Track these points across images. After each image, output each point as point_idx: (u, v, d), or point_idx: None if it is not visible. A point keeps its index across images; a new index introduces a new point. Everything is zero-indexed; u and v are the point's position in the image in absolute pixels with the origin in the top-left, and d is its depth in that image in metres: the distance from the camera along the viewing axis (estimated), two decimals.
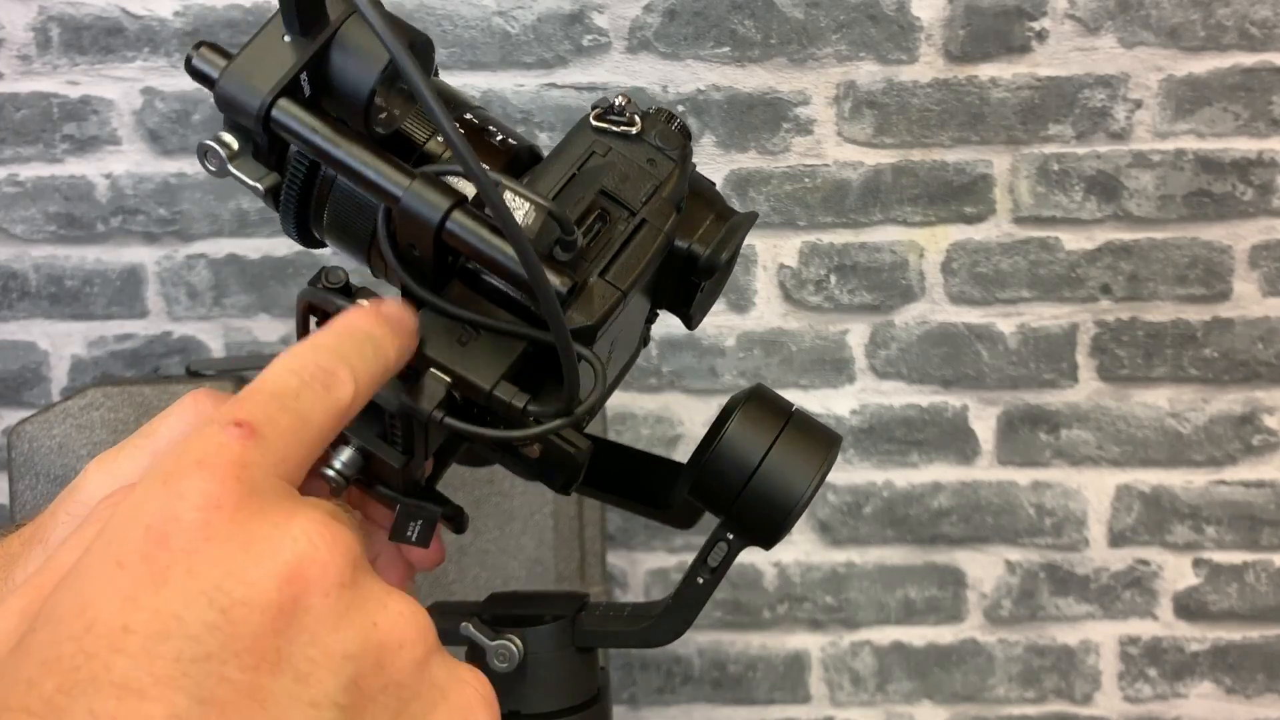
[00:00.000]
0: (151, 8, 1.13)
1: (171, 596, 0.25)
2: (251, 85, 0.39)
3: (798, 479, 0.47)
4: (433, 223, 0.38)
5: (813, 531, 1.21)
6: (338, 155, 0.39)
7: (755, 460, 0.47)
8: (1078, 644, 1.22)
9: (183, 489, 0.27)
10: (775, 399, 0.50)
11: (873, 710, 1.23)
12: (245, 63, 0.39)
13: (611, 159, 0.44)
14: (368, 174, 0.39)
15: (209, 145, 0.40)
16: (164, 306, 1.18)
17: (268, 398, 0.30)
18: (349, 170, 0.39)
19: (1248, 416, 1.18)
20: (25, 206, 1.16)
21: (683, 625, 0.50)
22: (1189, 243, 1.16)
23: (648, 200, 0.43)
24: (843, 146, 1.15)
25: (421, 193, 0.38)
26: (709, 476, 0.48)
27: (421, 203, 0.38)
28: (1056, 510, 1.20)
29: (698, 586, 0.49)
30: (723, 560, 0.49)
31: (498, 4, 1.13)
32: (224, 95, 0.39)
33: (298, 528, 0.27)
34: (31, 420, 0.94)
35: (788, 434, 0.48)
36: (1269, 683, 1.21)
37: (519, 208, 0.39)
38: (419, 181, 0.38)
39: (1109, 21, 1.12)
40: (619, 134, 0.44)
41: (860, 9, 1.12)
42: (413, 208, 0.38)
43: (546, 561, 0.95)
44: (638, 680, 1.23)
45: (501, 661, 0.49)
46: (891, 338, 1.18)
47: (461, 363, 0.40)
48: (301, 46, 0.39)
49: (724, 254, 0.45)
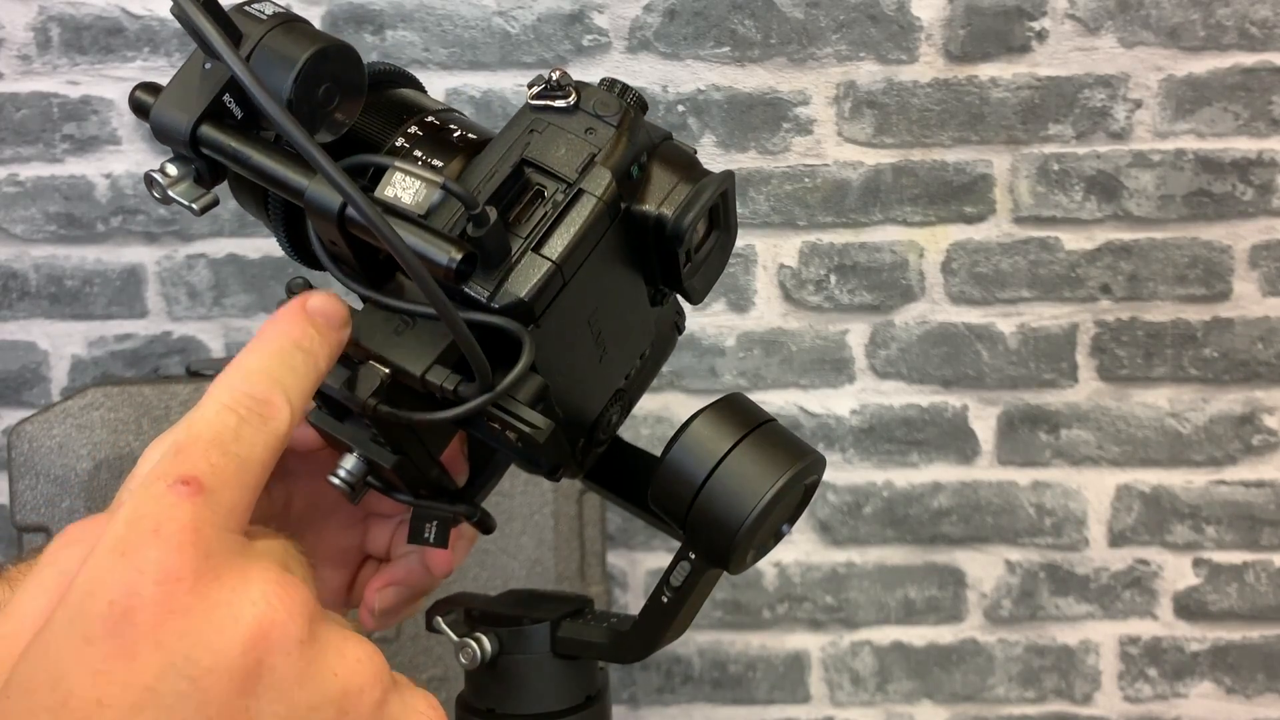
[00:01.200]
0: (151, 8, 1.13)
1: (142, 670, 0.26)
2: (177, 114, 0.40)
3: (748, 494, 0.42)
4: (332, 214, 0.39)
5: (813, 531, 1.21)
6: (252, 162, 0.40)
7: (703, 473, 0.43)
8: (1078, 644, 1.22)
9: (140, 562, 0.28)
10: (747, 407, 0.46)
11: (873, 710, 1.23)
12: (171, 94, 0.41)
13: (546, 135, 0.43)
14: (274, 174, 0.40)
15: (152, 176, 0.42)
16: (164, 306, 1.18)
17: (208, 446, 0.31)
18: (262, 174, 0.40)
19: (1248, 416, 1.18)
20: (25, 206, 1.16)
21: (649, 644, 0.47)
22: (1189, 243, 1.16)
23: (584, 169, 0.42)
24: (843, 146, 1.15)
25: (322, 189, 0.39)
26: (661, 486, 0.45)
27: (318, 196, 0.39)
28: (1056, 510, 1.20)
29: (662, 605, 0.46)
30: (685, 579, 0.45)
31: (498, 4, 1.13)
32: (157, 125, 0.41)
33: (255, 590, 0.28)
34: (31, 420, 0.94)
35: (749, 443, 0.43)
36: (1269, 683, 1.21)
37: (409, 187, 0.39)
38: (319, 177, 0.39)
39: (1109, 21, 1.12)
40: (557, 109, 0.44)
41: (860, 9, 1.12)
42: (314, 202, 0.39)
43: (546, 561, 0.95)
44: (638, 680, 1.23)
45: (465, 660, 0.49)
46: (891, 338, 1.18)
47: (396, 351, 0.41)
48: (219, 71, 0.40)
49: (689, 215, 0.44)
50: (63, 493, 0.93)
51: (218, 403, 0.32)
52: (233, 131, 0.41)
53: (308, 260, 0.46)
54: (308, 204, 0.39)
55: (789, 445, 0.45)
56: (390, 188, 0.39)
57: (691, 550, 0.45)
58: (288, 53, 0.40)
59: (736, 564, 0.44)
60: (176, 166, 0.42)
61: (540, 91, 0.44)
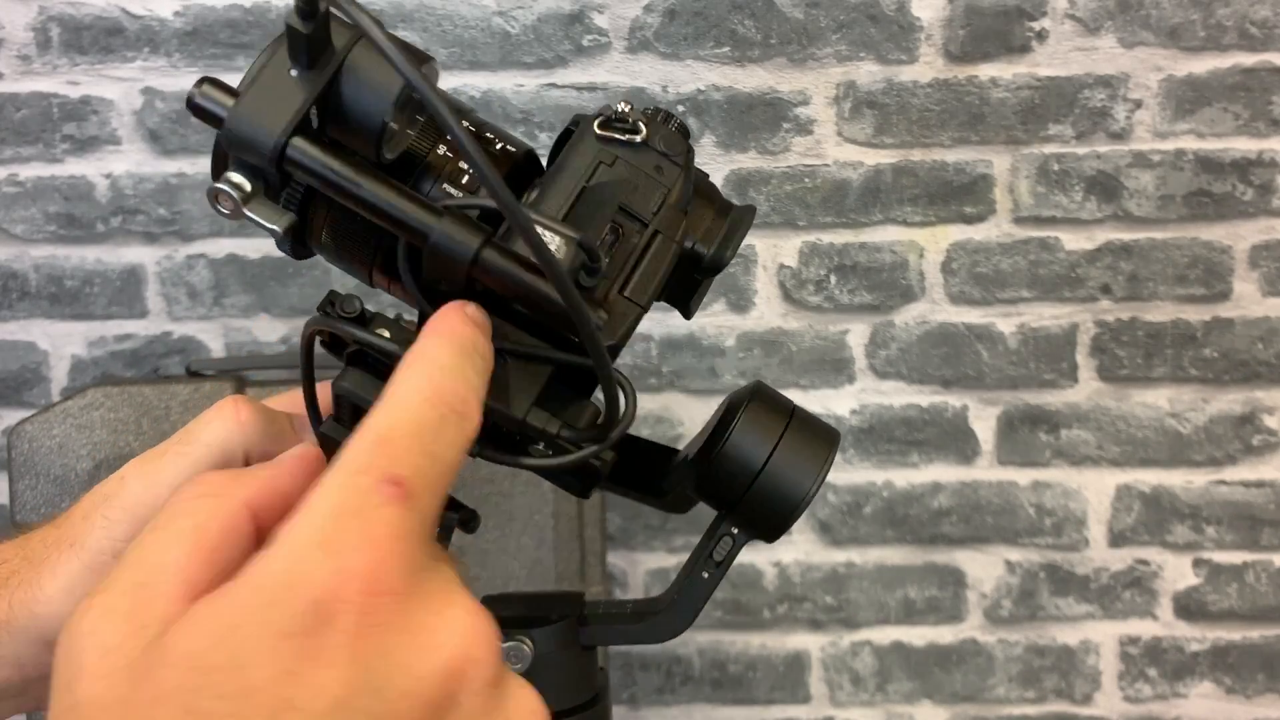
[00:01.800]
0: (151, 8, 1.13)
1: (336, 679, 0.25)
2: (263, 124, 0.37)
3: (803, 476, 0.48)
4: (464, 260, 0.38)
5: (813, 531, 1.21)
6: (361, 194, 0.38)
7: (762, 458, 0.48)
8: (1078, 644, 1.22)
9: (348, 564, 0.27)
10: (777, 396, 0.51)
11: (873, 710, 1.23)
12: (254, 100, 0.38)
13: (619, 170, 0.43)
14: (395, 213, 0.38)
15: (220, 189, 0.38)
16: (164, 306, 1.18)
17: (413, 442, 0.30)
18: (374, 209, 0.38)
19: (1248, 416, 1.18)
20: (25, 206, 1.16)
21: (688, 620, 0.50)
22: (1189, 243, 1.16)
23: (658, 210, 0.43)
24: (843, 146, 1.15)
25: (451, 231, 0.38)
26: (716, 475, 0.48)
27: (452, 242, 0.38)
28: (1056, 510, 1.20)
29: (702, 581, 0.49)
30: (728, 554, 0.49)
31: (498, 4, 1.13)
32: (235, 135, 0.38)
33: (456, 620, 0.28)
34: (31, 420, 0.94)
35: (792, 431, 0.48)
36: (1269, 683, 1.21)
37: (551, 241, 0.39)
38: (447, 220, 0.38)
39: (1109, 21, 1.12)
40: (624, 142, 0.44)
41: (860, 9, 1.12)
42: (443, 246, 0.38)
43: (546, 561, 0.95)
44: (638, 680, 1.23)
45: (515, 663, 0.49)
46: (891, 338, 1.18)
47: (493, 392, 0.39)
48: (310, 80, 0.38)
49: (728, 251, 0.45)
50: (63, 493, 0.93)
51: (419, 396, 0.31)
52: (332, 152, 0.38)
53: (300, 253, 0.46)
54: (435, 246, 0.38)
55: (820, 427, 0.49)
56: None
57: (735, 527, 0.49)
58: (383, 75, 0.38)
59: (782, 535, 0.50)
60: (247, 179, 0.38)
61: (607, 121, 0.44)
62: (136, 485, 0.42)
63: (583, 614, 0.51)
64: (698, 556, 0.50)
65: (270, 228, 0.38)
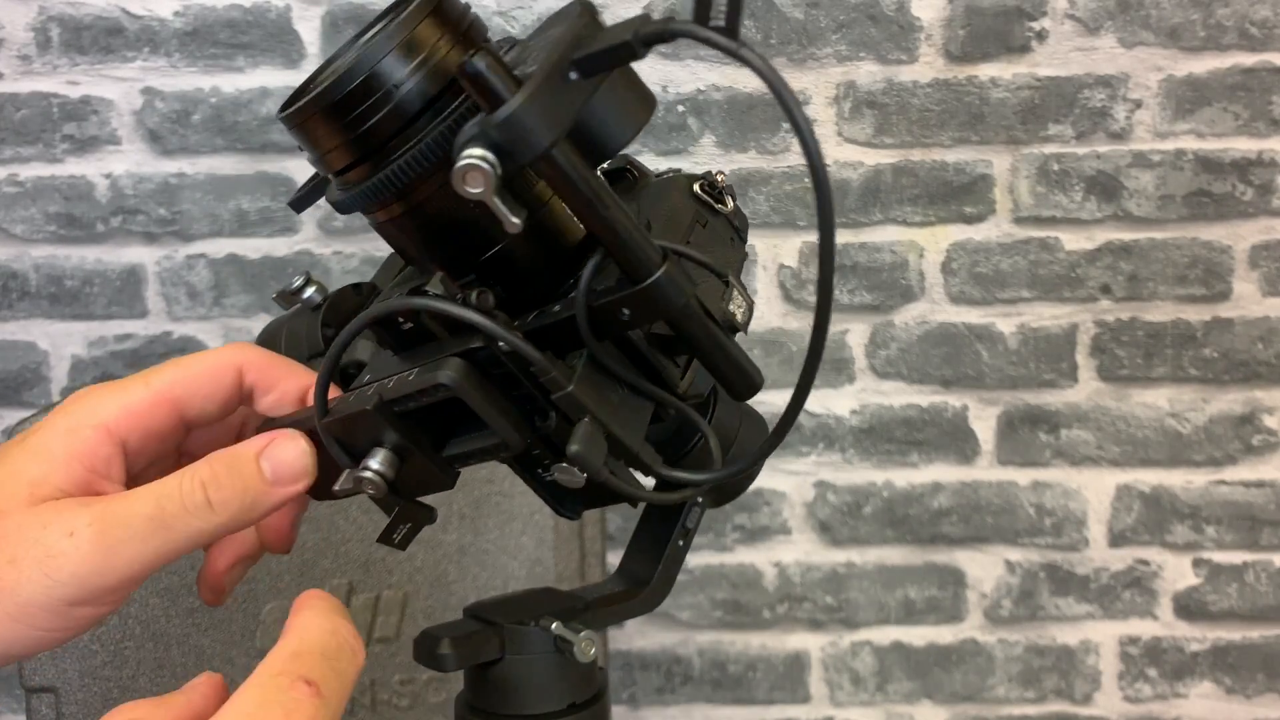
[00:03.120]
0: (151, 8, 1.13)
1: None
2: (542, 123, 0.36)
3: None
4: (678, 305, 0.40)
5: (813, 531, 1.21)
6: (605, 214, 0.39)
7: None
8: (1078, 644, 1.22)
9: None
10: None
11: (873, 710, 1.23)
12: (542, 94, 0.36)
13: (710, 233, 0.46)
14: (629, 243, 0.39)
15: (478, 165, 0.36)
16: (164, 306, 1.18)
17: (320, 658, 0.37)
18: (611, 231, 0.39)
19: (1248, 416, 1.18)
20: (25, 206, 1.16)
21: (669, 588, 0.54)
22: (1189, 243, 1.16)
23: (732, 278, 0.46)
24: (843, 146, 1.15)
25: (674, 277, 0.40)
26: None
27: (673, 286, 0.40)
28: (1056, 510, 1.20)
29: (678, 549, 0.53)
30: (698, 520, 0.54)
31: (498, 4, 1.13)
32: (514, 125, 0.36)
33: None
34: (31, 420, 0.94)
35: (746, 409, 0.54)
36: (1269, 683, 1.21)
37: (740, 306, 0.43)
38: (670, 266, 0.40)
39: (1109, 21, 1.12)
40: (713, 209, 0.47)
41: (860, 9, 1.12)
42: (663, 287, 0.40)
43: (546, 561, 0.95)
44: (638, 680, 1.23)
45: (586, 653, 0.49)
46: (891, 338, 1.18)
47: (615, 419, 0.41)
48: (583, 89, 0.37)
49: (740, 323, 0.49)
50: None
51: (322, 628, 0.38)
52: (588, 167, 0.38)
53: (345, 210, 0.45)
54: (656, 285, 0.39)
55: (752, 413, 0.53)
56: (733, 304, 0.43)
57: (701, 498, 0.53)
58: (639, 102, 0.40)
59: None
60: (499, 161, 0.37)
61: (705, 187, 0.48)
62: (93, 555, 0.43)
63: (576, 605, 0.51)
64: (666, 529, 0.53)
65: (512, 220, 0.37)
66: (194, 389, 0.46)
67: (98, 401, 0.45)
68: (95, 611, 0.42)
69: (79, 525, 0.41)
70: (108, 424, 0.44)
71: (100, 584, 0.41)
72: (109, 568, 0.41)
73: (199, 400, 0.46)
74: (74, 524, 0.41)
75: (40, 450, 0.43)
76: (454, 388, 0.40)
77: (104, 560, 0.41)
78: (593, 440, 0.40)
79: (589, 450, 0.39)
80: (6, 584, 0.41)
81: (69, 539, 0.41)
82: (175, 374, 0.46)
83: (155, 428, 0.45)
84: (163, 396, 0.45)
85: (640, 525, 0.54)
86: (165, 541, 0.42)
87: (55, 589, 0.41)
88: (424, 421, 0.43)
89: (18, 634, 0.41)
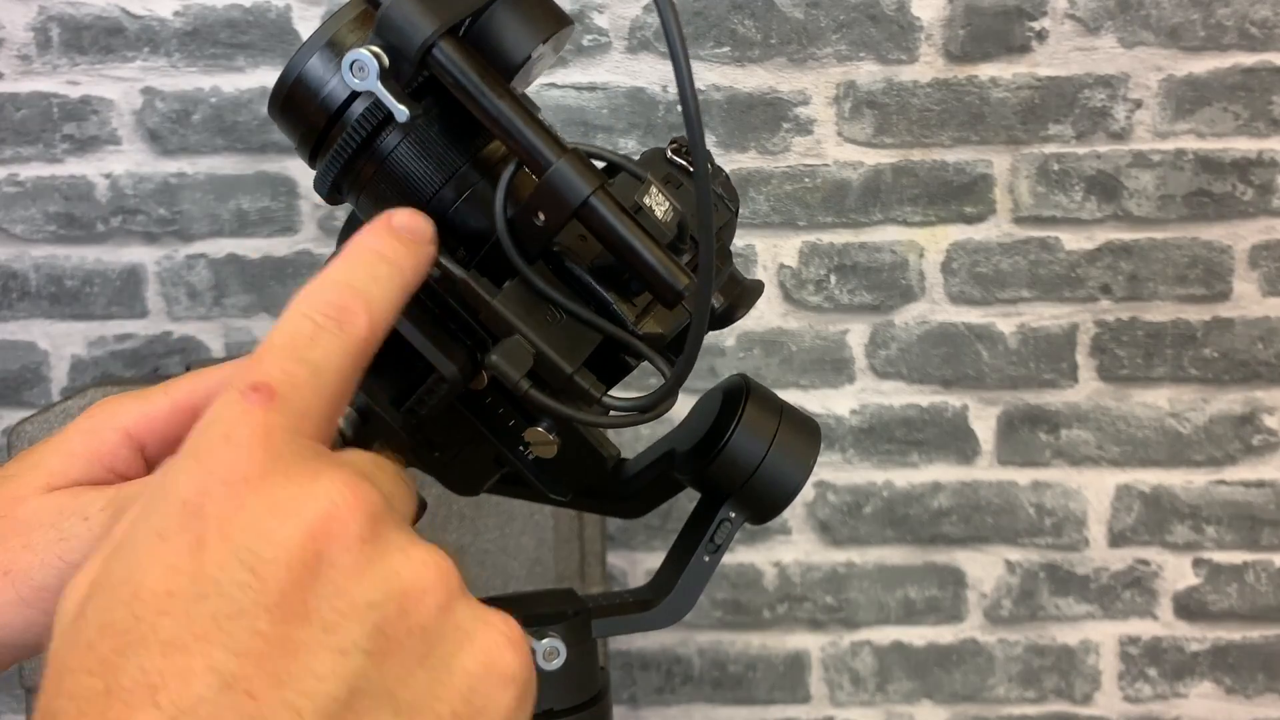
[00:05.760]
0: (151, 8, 1.13)
1: (207, 561, 0.28)
2: (423, 15, 0.38)
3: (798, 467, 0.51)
4: (578, 198, 0.39)
5: (813, 531, 1.21)
6: (496, 109, 0.39)
7: (761, 452, 0.51)
8: (1078, 644, 1.22)
9: (210, 464, 0.29)
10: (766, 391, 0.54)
11: (873, 710, 1.23)
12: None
13: (683, 195, 0.45)
14: (524, 136, 0.39)
15: (361, 56, 0.38)
16: (164, 306, 1.18)
17: (282, 352, 0.32)
18: (503, 129, 0.39)
19: (1248, 416, 1.18)
20: (25, 206, 1.16)
21: (692, 603, 0.53)
22: (1189, 243, 1.16)
23: None
24: (843, 146, 1.15)
25: (573, 166, 0.39)
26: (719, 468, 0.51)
27: (571, 177, 0.39)
28: (1056, 510, 1.20)
29: (704, 564, 0.52)
30: (728, 537, 0.52)
31: None
32: (393, 17, 0.38)
33: (320, 487, 0.29)
34: (31, 420, 0.94)
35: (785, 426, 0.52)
36: (1269, 683, 1.21)
37: (661, 204, 0.40)
38: (571, 156, 0.39)
39: (1109, 21, 1.12)
40: (689, 172, 0.46)
41: (860, 9, 1.12)
42: (560, 180, 0.39)
43: (546, 561, 0.95)
44: (638, 680, 1.23)
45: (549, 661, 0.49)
46: (891, 338, 1.18)
47: (547, 339, 0.40)
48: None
49: (740, 311, 0.47)
50: None
51: (295, 311, 0.33)
52: (475, 63, 0.38)
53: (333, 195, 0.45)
54: (551, 179, 0.39)
55: (806, 421, 0.52)
56: (647, 198, 0.40)
57: (734, 511, 0.52)
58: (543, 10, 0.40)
59: None
60: (387, 58, 0.38)
61: (679, 150, 0.47)
62: None
63: (591, 608, 0.51)
64: (694, 541, 0.52)
65: (399, 108, 0.39)
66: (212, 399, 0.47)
67: (120, 407, 0.46)
68: None
69: (93, 510, 0.43)
70: (128, 428, 0.46)
71: None
72: None
73: None
74: (89, 509, 0.43)
75: (61, 446, 0.45)
76: None
77: None
78: (514, 352, 0.40)
79: (507, 358, 0.39)
80: (21, 567, 0.42)
81: (84, 523, 0.42)
82: (195, 385, 0.47)
83: (173, 434, 0.47)
84: (181, 405, 0.47)
85: (679, 537, 0.54)
86: None
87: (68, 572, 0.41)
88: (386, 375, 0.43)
89: (31, 619, 0.42)
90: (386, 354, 0.42)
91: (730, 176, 0.50)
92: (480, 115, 0.39)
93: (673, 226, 0.41)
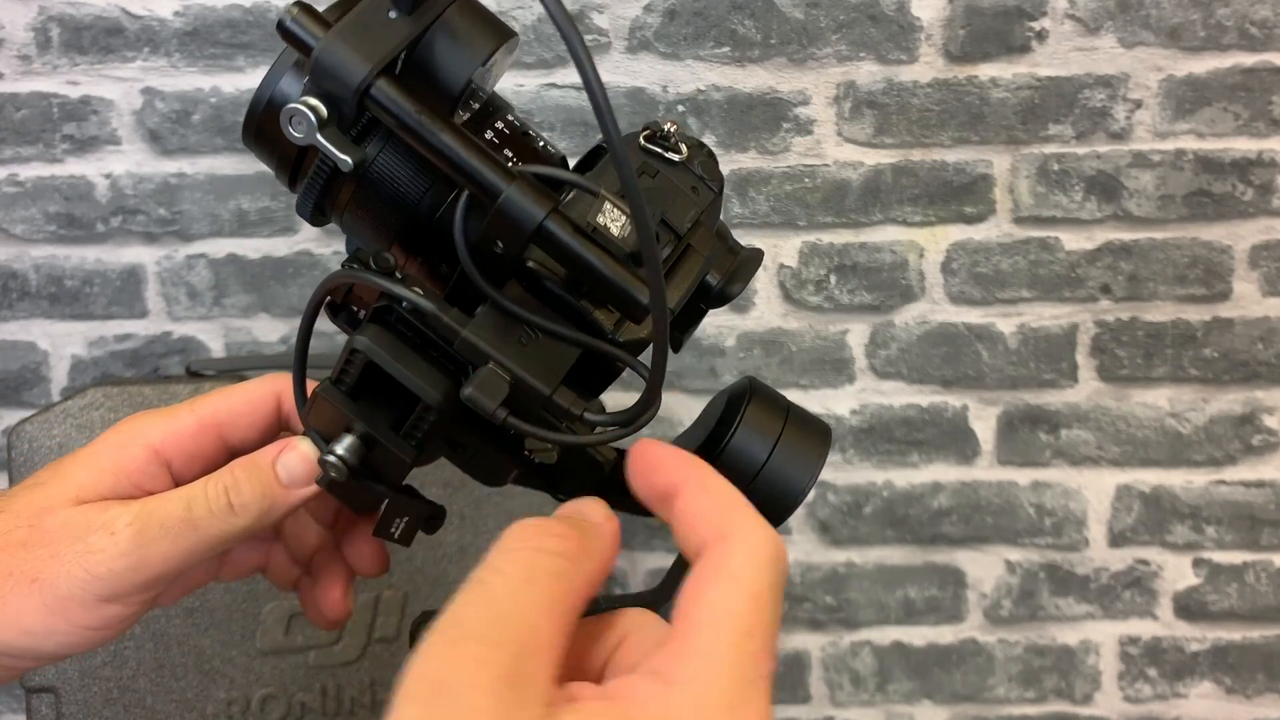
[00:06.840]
0: (151, 8, 1.13)
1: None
2: (353, 58, 0.38)
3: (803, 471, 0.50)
4: (531, 224, 0.39)
5: (813, 531, 1.21)
6: (439, 142, 0.39)
7: (764, 454, 0.50)
8: (1078, 644, 1.22)
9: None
10: (772, 393, 0.53)
11: (873, 710, 1.23)
12: (347, 33, 0.38)
13: (660, 183, 0.45)
14: (469, 167, 0.39)
15: (297, 109, 0.38)
16: (164, 306, 1.18)
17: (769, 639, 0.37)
18: (449, 161, 0.39)
19: (1248, 416, 1.18)
20: (25, 206, 1.16)
21: None
22: (1189, 243, 1.16)
23: (693, 226, 0.44)
24: (843, 146, 1.15)
25: (523, 193, 0.39)
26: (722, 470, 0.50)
27: (522, 204, 0.39)
28: (1056, 510, 1.20)
29: None
30: None
31: (498, 4, 1.13)
32: (323, 64, 0.38)
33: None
34: (31, 420, 0.94)
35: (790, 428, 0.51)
36: (1269, 683, 1.21)
37: (616, 220, 0.40)
38: (521, 182, 0.39)
39: (1109, 21, 1.12)
40: (665, 159, 0.46)
41: (860, 9, 1.12)
42: (512, 207, 0.39)
43: None
44: None
45: None
46: (891, 338, 1.18)
47: (523, 364, 0.41)
48: (406, 25, 0.38)
49: (737, 285, 0.46)
50: None
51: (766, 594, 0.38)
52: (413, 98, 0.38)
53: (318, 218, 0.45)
54: (503, 207, 0.39)
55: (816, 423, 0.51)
56: (601, 216, 0.40)
57: None
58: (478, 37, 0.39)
59: None
60: (324, 107, 0.38)
61: (652, 136, 0.46)
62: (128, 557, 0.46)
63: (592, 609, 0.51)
64: None
65: (341, 157, 0.39)
66: (235, 416, 0.50)
67: (147, 424, 0.48)
68: (124, 610, 0.45)
69: (119, 525, 0.44)
70: (154, 444, 0.48)
71: (134, 580, 0.44)
72: (143, 564, 0.44)
73: (241, 427, 0.50)
74: (115, 524, 0.44)
75: (90, 460, 0.47)
76: (364, 350, 0.42)
77: (139, 557, 0.44)
78: (488, 383, 0.40)
79: (482, 391, 0.40)
80: (48, 577, 0.44)
81: (110, 537, 0.44)
82: (219, 403, 0.50)
83: (199, 451, 0.49)
84: (206, 423, 0.49)
85: None
86: (194, 541, 0.45)
87: (91, 584, 0.43)
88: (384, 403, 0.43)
89: (52, 627, 0.44)
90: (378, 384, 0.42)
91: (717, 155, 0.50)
92: (425, 150, 0.39)
93: (631, 239, 0.40)
